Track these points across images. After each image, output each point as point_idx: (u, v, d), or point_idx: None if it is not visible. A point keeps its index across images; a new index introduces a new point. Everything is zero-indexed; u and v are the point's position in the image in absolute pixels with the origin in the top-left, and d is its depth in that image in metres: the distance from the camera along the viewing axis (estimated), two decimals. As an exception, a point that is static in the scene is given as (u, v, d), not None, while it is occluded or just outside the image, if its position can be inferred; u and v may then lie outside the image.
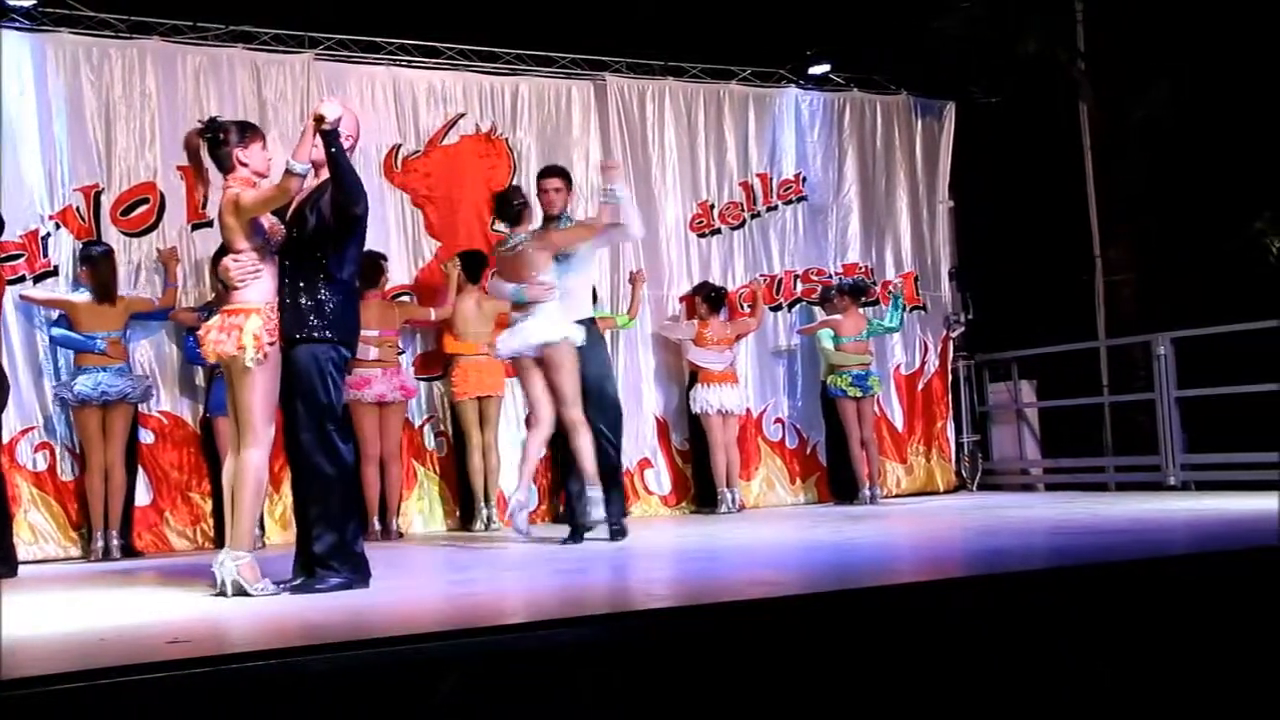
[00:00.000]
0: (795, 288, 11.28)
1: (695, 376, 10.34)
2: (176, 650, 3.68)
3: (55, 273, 8.71)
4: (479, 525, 9.31)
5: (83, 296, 8.38)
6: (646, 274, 10.42)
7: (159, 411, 8.90)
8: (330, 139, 5.26)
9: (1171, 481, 10.23)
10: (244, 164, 5.52)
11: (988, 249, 12.07)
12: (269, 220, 5.51)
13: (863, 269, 11.47)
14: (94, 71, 8.93)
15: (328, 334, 5.45)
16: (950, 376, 11.91)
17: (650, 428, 10.54)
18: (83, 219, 8.80)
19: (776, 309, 11.18)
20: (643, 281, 10.28)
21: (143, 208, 8.99)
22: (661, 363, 10.65)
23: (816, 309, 11.12)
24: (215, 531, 8.72)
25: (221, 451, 7.55)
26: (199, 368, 8.85)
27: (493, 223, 10.08)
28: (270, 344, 5.35)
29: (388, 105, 9.90)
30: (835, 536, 7.37)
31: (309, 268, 5.47)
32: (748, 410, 10.76)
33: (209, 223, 8.60)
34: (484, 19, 10.37)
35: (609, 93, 10.63)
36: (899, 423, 11.59)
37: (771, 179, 11.28)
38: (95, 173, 8.88)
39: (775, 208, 11.28)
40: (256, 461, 5.38)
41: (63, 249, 8.74)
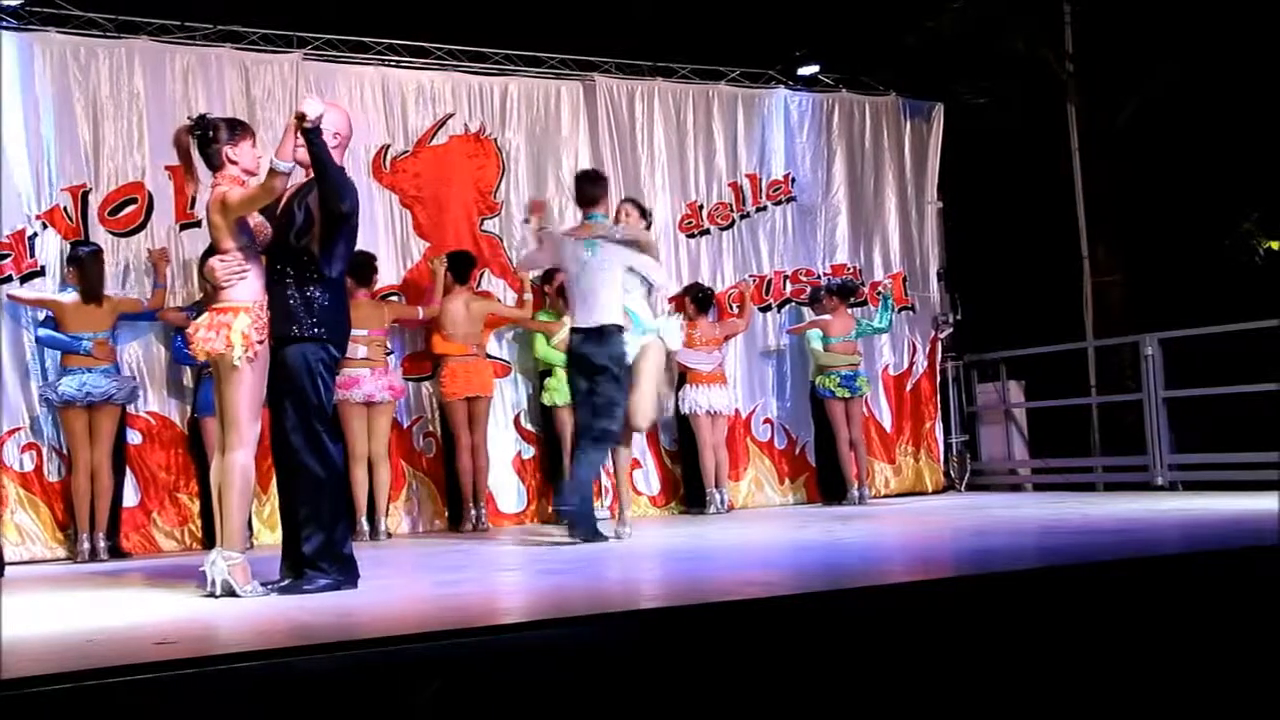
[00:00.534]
0: (784, 288, 11.28)
1: (684, 377, 10.33)
2: (164, 651, 3.66)
3: (42, 273, 8.67)
4: (468, 526, 9.29)
5: (70, 297, 8.35)
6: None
7: (147, 412, 8.88)
8: (312, 137, 5.24)
9: (1159, 481, 10.25)
10: (233, 162, 5.50)
11: (976, 250, 12.10)
12: (255, 219, 5.50)
13: (851, 270, 11.48)
14: (82, 71, 8.90)
15: (317, 332, 5.43)
16: (938, 377, 11.92)
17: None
18: (70, 219, 8.78)
19: (766, 309, 11.18)
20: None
21: (131, 207, 8.97)
22: (650, 363, 10.63)
23: (805, 310, 11.12)
24: (203, 532, 8.70)
25: (209, 452, 7.52)
26: (187, 368, 8.83)
27: (481, 223, 10.12)
28: (259, 342, 5.33)
29: (376, 105, 9.88)
30: (824, 537, 7.37)
31: (297, 266, 5.45)
32: (736, 411, 10.77)
33: (197, 223, 8.58)
34: (473, 19, 10.38)
35: (598, 93, 10.63)
36: (887, 423, 11.60)
37: (760, 179, 11.28)
38: (83, 172, 8.86)
39: (764, 208, 11.28)
40: (242, 461, 5.36)
41: (50, 249, 8.71)
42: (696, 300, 10.34)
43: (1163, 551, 5.62)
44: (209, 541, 7.43)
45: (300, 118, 5.22)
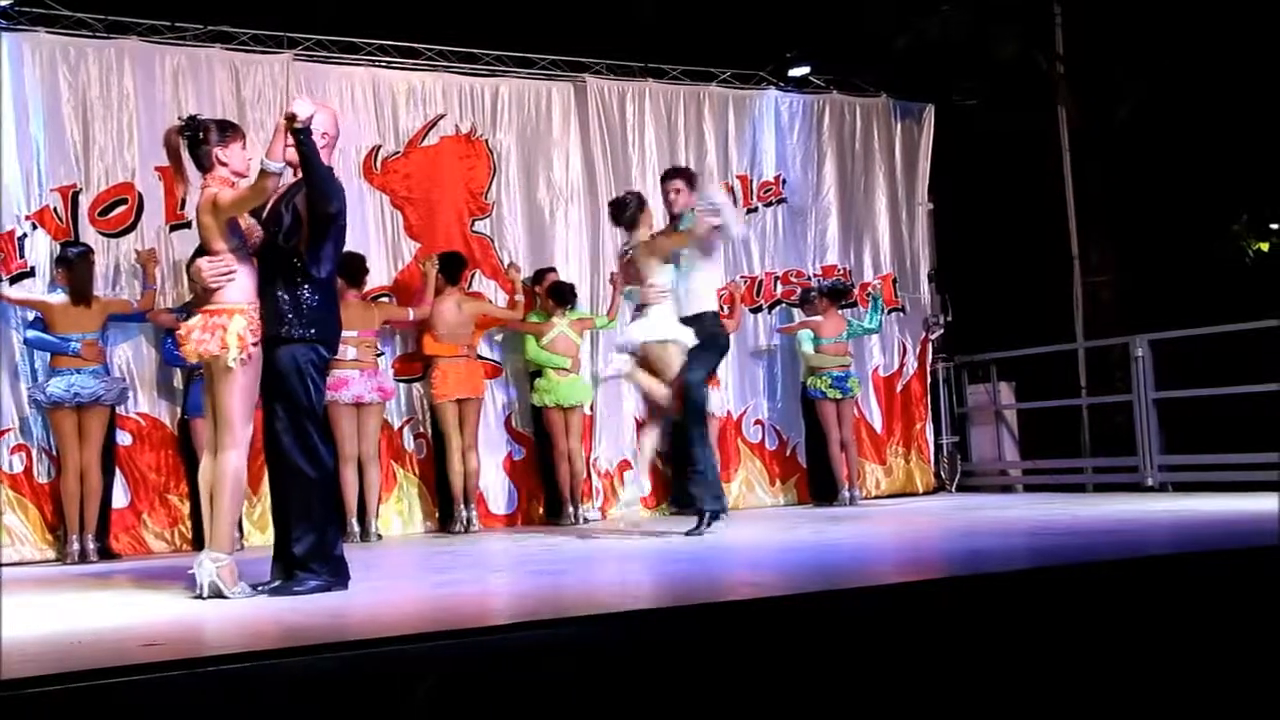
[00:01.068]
0: (775, 289, 11.28)
1: (675, 378, 10.32)
2: (152, 653, 3.65)
3: (32, 274, 8.64)
4: (458, 527, 9.28)
5: (59, 298, 8.32)
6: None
7: (136, 413, 8.86)
8: (302, 137, 5.24)
9: (1149, 482, 10.26)
10: (223, 163, 5.49)
11: (967, 251, 12.11)
12: (245, 221, 5.49)
13: (842, 271, 11.48)
14: (71, 71, 8.87)
15: (308, 333, 5.43)
16: (929, 378, 11.93)
17: (630, 429, 10.52)
18: (60, 219, 8.75)
19: (756, 311, 11.18)
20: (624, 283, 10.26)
21: (121, 208, 8.95)
22: (641, 364, 10.62)
23: (796, 311, 11.12)
24: (193, 534, 8.67)
25: (198, 453, 7.50)
26: (177, 369, 8.81)
27: (472, 224, 10.12)
28: (254, 344, 5.33)
29: (367, 106, 9.87)
30: (816, 538, 7.38)
31: (287, 267, 5.45)
32: (728, 412, 10.77)
33: (187, 224, 8.56)
34: (464, 20, 10.36)
35: (589, 94, 10.62)
36: (878, 424, 11.60)
37: (751, 181, 11.29)
38: (73, 173, 8.83)
39: (755, 209, 11.28)
40: (235, 462, 5.36)
41: (39, 250, 8.68)
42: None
43: (1152, 552, 5.63)
44: (199, 543, 7.41)
45: (291, 118, 5.22)
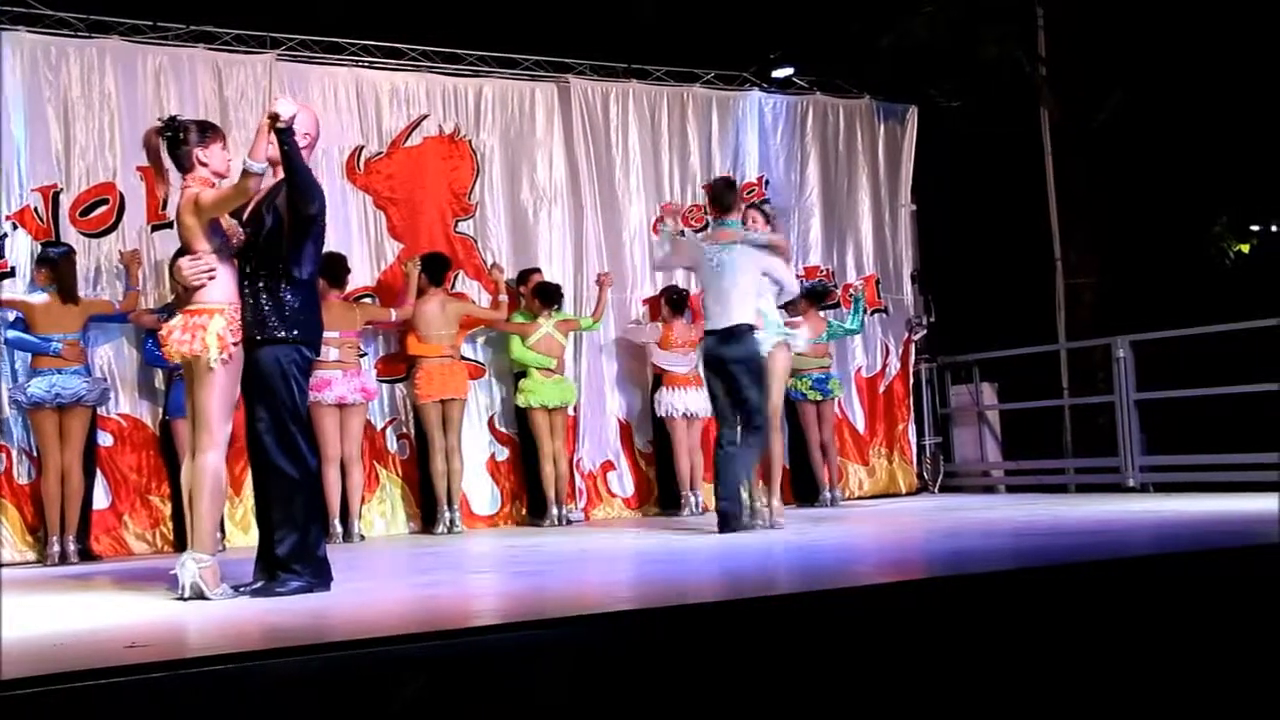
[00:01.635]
0: (758, 290, 11.28)
1: (660, 379, 10.34)
2: (135, 654, 3.64)
3: (12, 274, 8.60)
4: (441, 528, 9.27)
5: (40, 298, 8.29)
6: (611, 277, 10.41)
7: (118, 414, 8.83)
8: (284, 138, 5.22)
9: (1130, 483, 10.30)
10: (203, 164, 5.47)
11: (949, 252, 12.14)
12: (227, 222, 5.47)
13: (824, 271, 11.50)
14: (52, 71, 8.84)
15: (290, 334, 5.41)
16: (912, 379, 11.95)
17: (613, 430, 10.54)
18: (41, 219, 8.72)
19: (739, 311, 11.17)
20: (609, 284, 10.27)
21: (102, 208, 8.92)
22: (624, 366, 10.64)
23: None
24: (175, 535, 8.65)
25: (180, 454, 7.48)
26: (158, 370, 8.78)
27: (455, 224, 10.11)
28: (234, 344, 5.32)
29: (350, 106, 9.85)
30: (798, 538, 7.38)
31: (268, 268, 5.44)
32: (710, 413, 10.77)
33: (169, 224, 8.51)
34: (447, 21, 10.35)
35: (572, 95, 10.61)
36: (860, 425, 11.62)
37: (734, 182, 11.28)
38: (54, 173, 8.80)
39: (738, 210, 11.27)
40: (214, 463, 5.34)
41: (20, 250, 8.65)
42: (672, 303, 10.33)
43: (1134, 553, 5.65)
44: (180, 544, 7.39)
45: (274, 118, 5.21)
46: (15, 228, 8.65)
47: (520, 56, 10.63)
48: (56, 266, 8.30)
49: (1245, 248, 13.37)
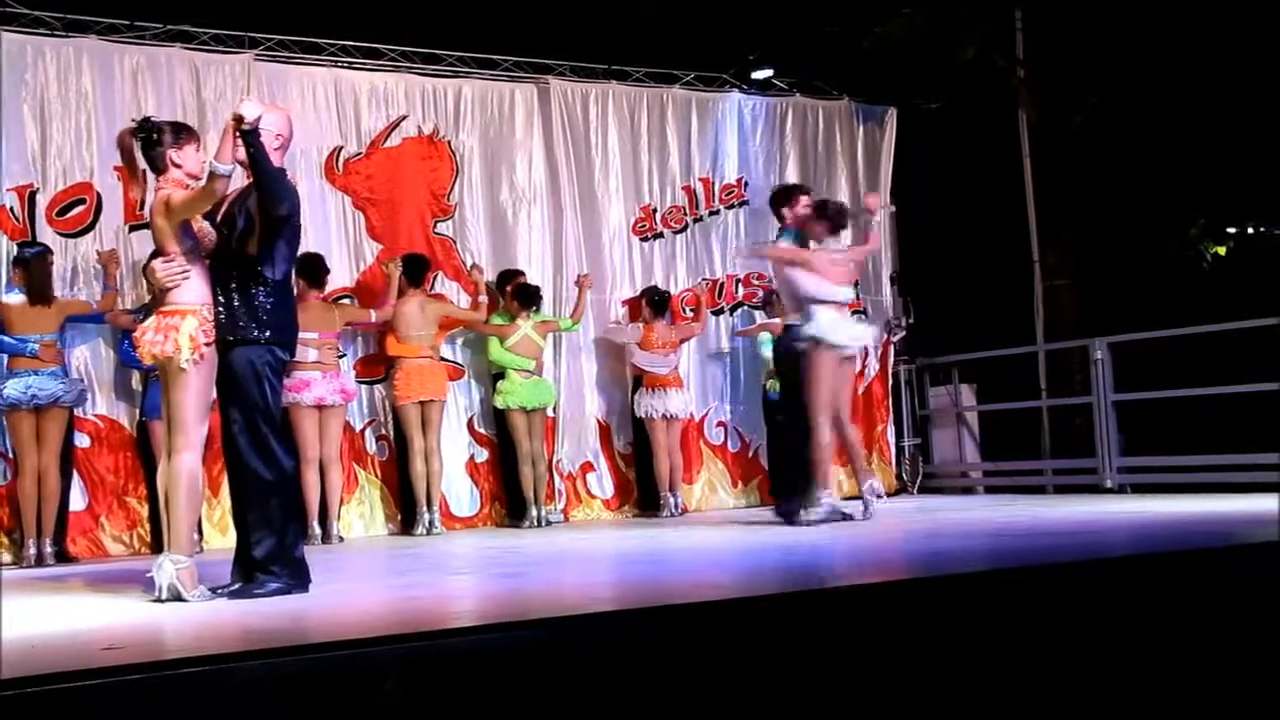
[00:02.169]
0: (736, 292, 11.31)
1: (639, 380, 10.34)
2: (112, 656, 3.62)
3: (-12, 275, 8.58)
4: (420, 530, 9.25)
5: (16, 298, 8.25)
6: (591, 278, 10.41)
7: (95, 415, 8.78)
8: (250, 139, 5.20)
9: (1108, 484, 10.32)
10: (177, 165, 5.45)
11: (928, 254, 12.16)
12: (198, 224, 5.45)
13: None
14: (29, 70, 8.79)
15: (263, 335, 5.40)
16: (891, 380, 11.97)
17: (593, 431, 10.54)
18: (17, 219, 8.67)
19: (718, 313, 11.21)
20: (589, 286, 10.27)
21: (79, 208, 8.87)
22: (604, 366, 10.64)
23: (758, 313, 11.14)
24: (152, 536, 8.61)
25: (157, 455, 7.44)
26: (135, 371, 8.74)
27: (434, 225, 10.08)
28: (206, 345, 5.30)
29: (329, 107, 9.82)
30: (778, 539, 7.38)
31: (241, 269, 5.42)
32: (690, 414, 10.77)
33: (146, 224, 8.40)
34: (426, 21, 10.33)
35: (552, 96, 10.60)
36: (840, 426, 11.62)
37: (713, 183, 11.31)
38: (30, 172, 8.75)
39: (717, 212, 11.31)
40: (189, 464, 5.32)
41: (-4, 250, 8.61)
42: (653, 303, 10.34)
43: (1111, 554, 5.67)
44: (157, 546, 7.36)
45: (238, 120, 5.19)
46: (-10, 228, 8.61)
47: (500, 57, 10.62)
48: (30, 267, 8.25)
49: (1222, 250, 13.42)
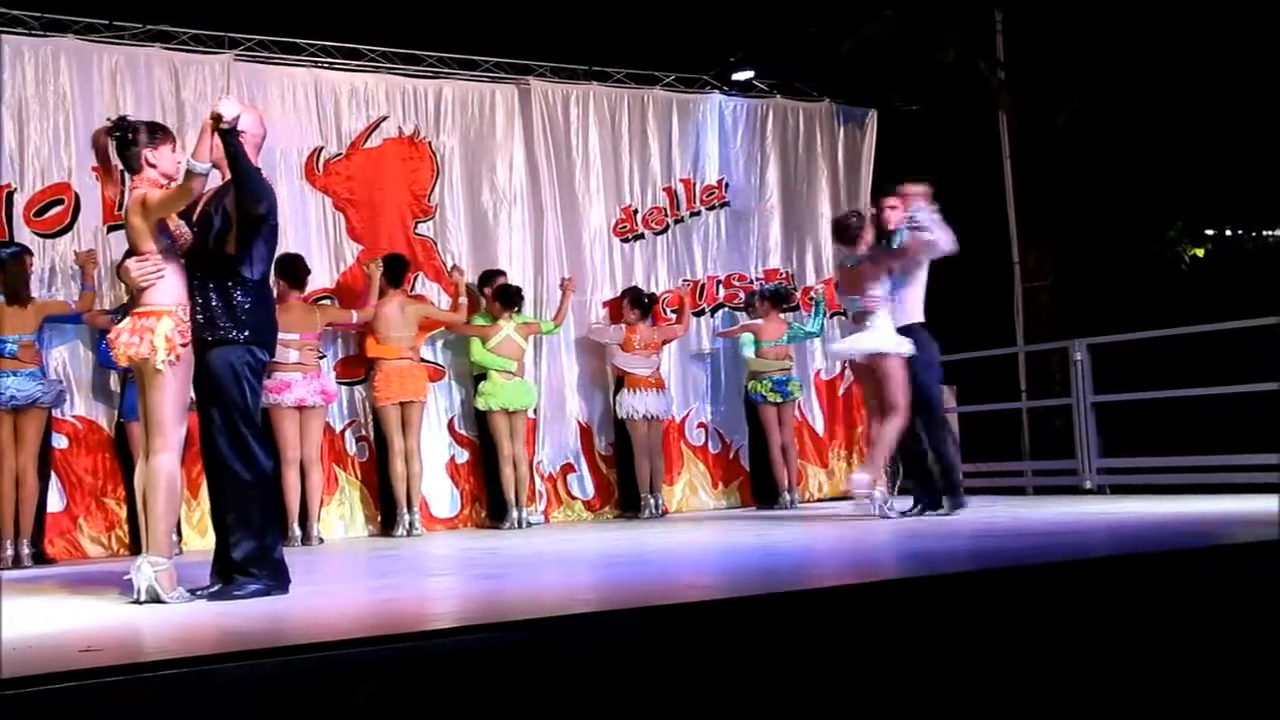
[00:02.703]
0: (717, 293, 11.32)
1: (621, 381, 10.34)
2: (90, 658, 3.60)
3: (-34, 275, 8.51)
4: (400, 531, 9.23)
5: (-6, 299, 8.22)
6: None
7: (73, 416, 8.74)
8: (228, 139, 5.19)
9: (1088, 485, 10.36)
10: (152, 165, 5.43)
11: (908, 255, 12.15)
12: (174, 223, 5.42)
13: (784, 274, 11.53)
14: (6, 69, 8.74)
15: (241, 336, 5.37)
16: (871, 382, 11.97)
17: (573, 433, 10.53)
18: (-7, 219, 8.64)
19: (699, 314, 11.22)
20: (572, 289, 10.26)
21: (57, 208, 8.83)
22: (585, 368, 10.64)
23: (741, 314, 11.16)
24: (130, 538, 8.57)
25: (135, 456, 7.41)
26: (113, 372, 8.70)
27: (415, 226, 10.07)
28: (183, 346, 5.27)
29: (309, 107, 9.80)
30: (759, 540, 7.39)
31: (218, 269, 5.39)
32: (671, 415, 10.77)
33: (124, 224, 8.46)
34: (407, 22, 10.32)
35: (533, 97, 10.60)
36: (820, 428, 11.66)
37: (694, 184, 11.32)
38: (7, 173, 8.70)
39: (698, 213, 11.32)
40: (167, 466, 5.29)
41: (-29, 250, 8.56)
42: (639, 304, 10.33)
43: (1091, 554, 5.69)
44: (136, 547, 7.31)
45: (216, 119, 5.17)
46: (-32, 228, 8.56)
47: (480, 58, 10.61)
48: (5, 267, 8.21)
49: (1200, 252, 13.50)
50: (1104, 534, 6.78)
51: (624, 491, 10.51)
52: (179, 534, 8.32)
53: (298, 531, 8.77)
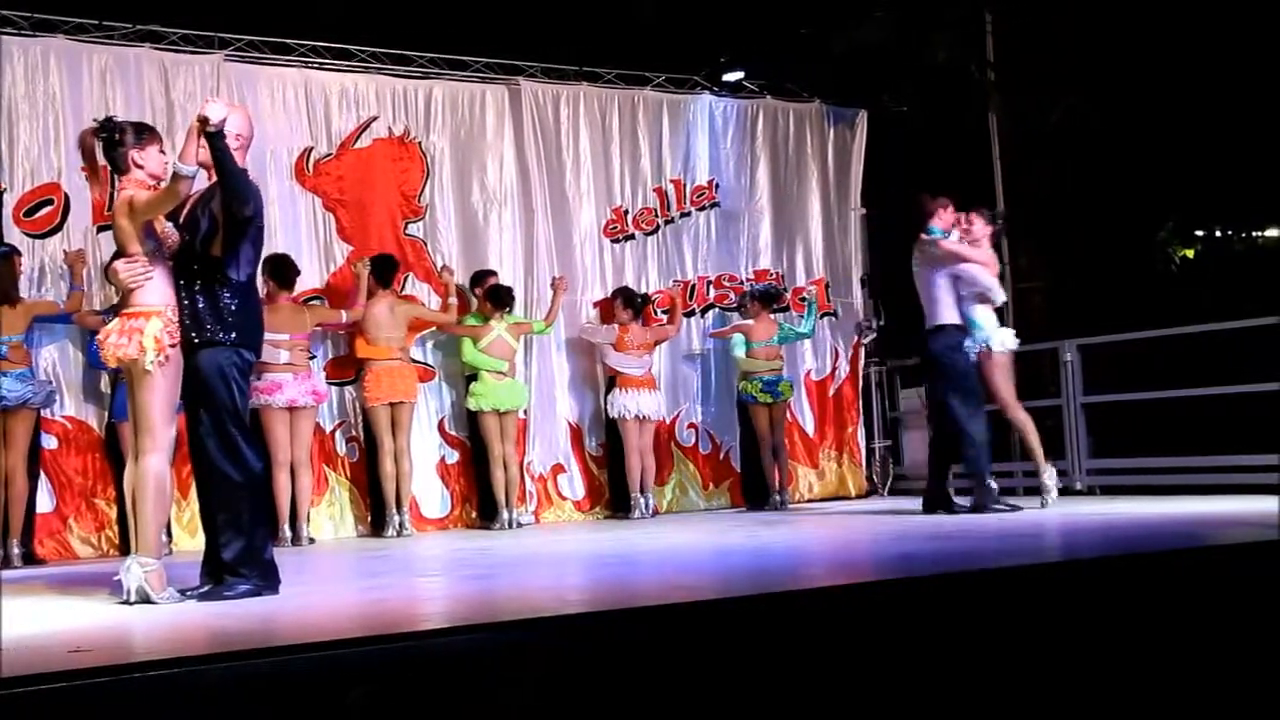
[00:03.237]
0: (708, 293, 11.33)
1: (613, 381, 10.34)
2: (79, 659, 3.60)
3: (-45, 275, 8.49)
4: (390, 531, 9.22)
5: (-18, 299, 8.20)
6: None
7: (63, 416, 8.72)
8: (215, 141, 5.18)
9: (1078, 486, 10.37)
10: (139, 165, 5.42)
11: (899, 256, 12.15)
12: (161, 225, 5.41)
13: (774, 275, 11.53)
14: (-4, 69, 8.74)
15: (229, 337, 5.37)
16: (861, 382, 12.00)
17: (564, 433, 10.53)
18: (-18, 220, 8.61)
19: (690, 315, 11.21)
20: (564, 289, 10.26)
21: (47, 209, 8.82)
22: (576, 368, 10.63)
23: (733, 315, 11.16)
24: (120, 539, 8.56)
25: (126, 457, 7.39)
26: (103, 372, 8.68)
27: (405, 226, 10.06)
28: (171, 346, 5.27)
29: (299, 108, 9.79)
30: (749, 541, 7.40)
31: (205, 271, 5.39)
32: (662, 416, 10.77)
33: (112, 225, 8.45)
34: (397, 22, 10.31)
35: (523, 97, 10.59)
36: (810, 428, 11.66)
37: (685, 185, 11.32)
38: (-3, 173, 8.70)
39: (688, 214, 11.32)
40: (157, 467, 5.29)
41: (-38, 251, 8.53)
42: (631, 305, 10.32)
43: (1081, 555, 5.70)
44: (126, 548, 7.30)
45: (203, 121, 5.16)
46: (-43, 228, 8.54)
47: (470, 59, 10.60)
48: (-6, 267, 8.20)
49: (1190, 253, 13.52)
50: (1094, 535, 6.80)
51: (614, 492, 10.50)
52: (169, 534, 8.29)
53: (288, 532, 8.76)
